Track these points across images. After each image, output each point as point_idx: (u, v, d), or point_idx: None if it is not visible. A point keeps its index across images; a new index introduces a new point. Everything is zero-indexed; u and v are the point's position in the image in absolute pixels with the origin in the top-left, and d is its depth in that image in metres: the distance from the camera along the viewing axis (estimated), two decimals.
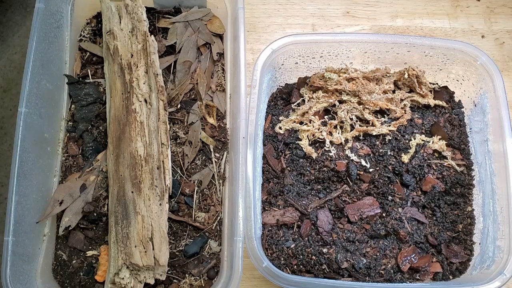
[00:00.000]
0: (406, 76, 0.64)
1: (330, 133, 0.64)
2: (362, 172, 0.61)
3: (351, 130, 0.64)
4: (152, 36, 0.65)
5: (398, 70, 0.65)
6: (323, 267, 0.58)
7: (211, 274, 0.59)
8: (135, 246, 0.56)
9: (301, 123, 0.64)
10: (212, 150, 0.64)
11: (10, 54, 0.85)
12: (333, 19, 0.74)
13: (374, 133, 0.63)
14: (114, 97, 0.63)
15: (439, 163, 0.63)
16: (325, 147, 0.63)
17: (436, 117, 0.66)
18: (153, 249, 0.56)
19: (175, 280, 0.59)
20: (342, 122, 0.64)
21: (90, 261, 0.59)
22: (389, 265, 0.58)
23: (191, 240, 0.60)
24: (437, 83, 0.67)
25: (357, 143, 0.64)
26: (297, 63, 0.65)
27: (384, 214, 0.61)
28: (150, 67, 0.63)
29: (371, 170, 0.62)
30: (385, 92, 0.64)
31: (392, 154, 0.63)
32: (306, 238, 0.60)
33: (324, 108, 0.65)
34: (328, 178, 0.62)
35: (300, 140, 0.64)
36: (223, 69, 0.69)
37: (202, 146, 0.64)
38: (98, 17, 0.71)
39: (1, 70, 0.84)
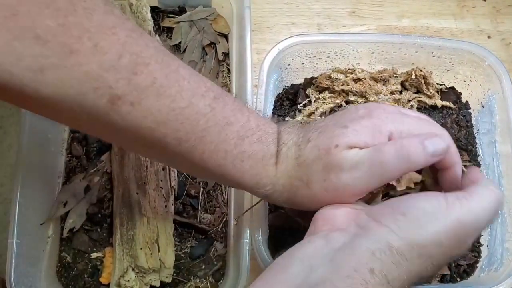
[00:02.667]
0: (413, 76, 0.63)
1: None
2: None
3: None
4: (157, 35, 0.64)
5: (405, 71, 0.65)
6: None
7: (217, 276, 0.59)
8: (141, 248, 0.55)
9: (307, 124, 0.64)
10: None
11: None
12: (339, 19, 0.74)
13: None
14: None
15: None
16: None
17: (443, 118, 0.65)
18: (159, 251, 0.56)
19: (180, 283, 0.58)
20: None
21: (94, 263, 0.59)
22: None
23: (197, 242, 0.60)
24: (444, 84, 0.67)
25: None
26: (303, 63, 0.65)
27: None
28: None
29: None
30: (392, 92, 0.64)
31: None
32: None
33: (331, 109, 0.64)
34: None
35: None
36: (228, 69, 0.68)
37: None
38: None
39: None
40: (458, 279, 0.59)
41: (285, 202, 0.42)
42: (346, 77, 0.64)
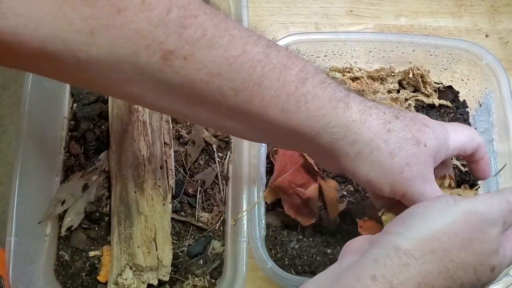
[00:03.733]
0: (411, 75, 0.64)
1: None
2: None
3: None
4: None
5: (403, 70, 0.65)
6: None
7: (214, 274, 0.59)
8: (138, 247, 0.55)
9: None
10: (215, 149, 0.64)
11: None
12: (337, 17, 0.74)
13: None
14: None
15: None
16: None
17: (441, 117, 0.65)
18: (156, 249, 0.56)
19: (178, 281, 0.58)
20: None
21: (92, 262, 0.59)
22: None
23: (194, 241, 0.60)
24: (441, 83, 0.67)
25: None
26: None
27: None
28: None
29: None
30: (389, 91, 0.64)
31: None
32: (311, 239, 0.59)
33: None
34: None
35: None
36: None
37: (205, 146, 0.64)
38: None
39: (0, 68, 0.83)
40: None
41: (346, 156, 0.38)
42: (344, 75, 0.64)
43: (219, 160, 0.64)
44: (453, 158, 0.62)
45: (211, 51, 0.33)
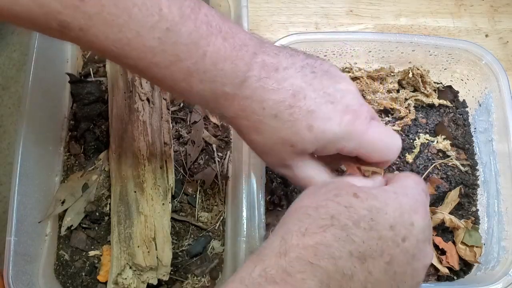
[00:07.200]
0: (410, 75, 0.64)
1: None
2: None
3: None
4: None
5: (403, 69, 0.65)
6: None
7: (214, 274, 0.59)
8: (138, 246, 0.55)
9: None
10: (215, 149, 0.64)
11: (9, 52, 0.84)
12: (337, 17, 0.74)
13: None
14: (116, 95, 0.62)
15: (444, 162, 0.62)
16: None
17: (441, 116, 0.65)
18: (156, 249, 0.56)
19: (178, 281, 0.58)
20: None
21: (92, 261, 0.59)
22: None
23: (194, 240, 0.60)
24: (441, 83, 0.67)
25: None
26: None
27: None
28: None
29: None
30: (389, 91, 0.64)
31: None
32: None
33: None
34: None
35: None
36: None
37: (205, 146, 0.64)
38: None
39: (0, 68, 0.83)
40: (455, 278, 0.60)
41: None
42: None
43: (219, 160, 0.64)
44: (453, 157, 0.63)
45: (106, 29, 0.34)
